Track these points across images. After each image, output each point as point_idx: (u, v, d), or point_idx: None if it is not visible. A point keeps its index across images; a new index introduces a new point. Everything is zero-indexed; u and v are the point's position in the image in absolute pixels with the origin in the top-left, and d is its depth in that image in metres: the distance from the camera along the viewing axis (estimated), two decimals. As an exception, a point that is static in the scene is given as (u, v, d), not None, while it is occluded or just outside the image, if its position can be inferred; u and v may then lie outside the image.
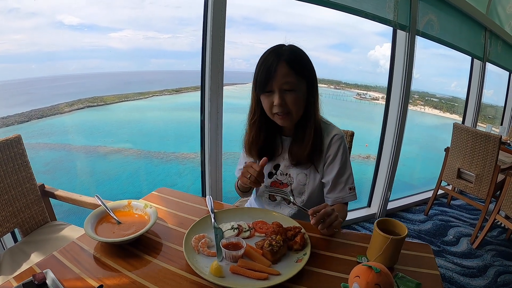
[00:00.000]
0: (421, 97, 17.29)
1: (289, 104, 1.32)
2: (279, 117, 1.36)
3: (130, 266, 1.00)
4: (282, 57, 1.28)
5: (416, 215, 3.88)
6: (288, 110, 1.33)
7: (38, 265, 0.98)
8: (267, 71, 1.28)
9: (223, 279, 0.94)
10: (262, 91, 1.34)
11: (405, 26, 3.19)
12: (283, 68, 1.27)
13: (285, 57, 1.28)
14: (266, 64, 1.29)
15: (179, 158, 11.04)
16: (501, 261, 2.99)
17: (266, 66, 1.29)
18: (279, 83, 1.28)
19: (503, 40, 5.16)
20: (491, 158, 3.13)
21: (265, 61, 1.30)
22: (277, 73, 1.27)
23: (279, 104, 1.30)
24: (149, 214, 1.22)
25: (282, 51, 1.31)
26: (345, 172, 1.47)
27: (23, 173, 1.73)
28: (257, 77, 1.32)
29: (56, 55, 12.99)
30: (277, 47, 1.34)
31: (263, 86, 1.31)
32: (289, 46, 1.34)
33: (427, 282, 0.98)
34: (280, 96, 1.30)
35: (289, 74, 1.28)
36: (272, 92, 1.31)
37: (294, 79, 1.30)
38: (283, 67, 1.27)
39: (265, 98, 1.35)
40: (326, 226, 1.15)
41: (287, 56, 1.29)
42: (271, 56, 1.30)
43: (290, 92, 1.31)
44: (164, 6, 14.57)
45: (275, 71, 1.27)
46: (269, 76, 1.28)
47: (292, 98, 1.31)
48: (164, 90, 16.52)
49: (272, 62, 1.28)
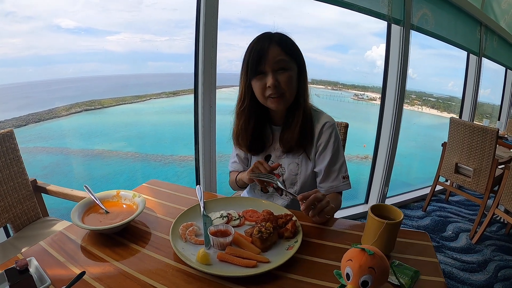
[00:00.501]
0: (418, 97, 17.32)
1: (282, 84, 1.30)
2: (272, 99, 1.33)
3: (116, 255, 0.98)
4: (273, 39, 1.28)
5: (414, 211, 3.85)
6: (281, 91, 1.31)
7: (23, 254, 0.96)
8: (258, 53, 1.27)
9: (210, 266, 0.91)
10: (254, 74, 1.31)
11: (400, 21, 3.17)
12: (275, 49, 1.27)
13: (276, 39, 1.28)
14: (257, 48, 1.28)
15: (177, 160, 11.03)
16: (501, 256, 2.96)
17: (257, 49, 1.27)
18: (271, 63, 1.27)
19: (499, 35, 5.16)
20: (489, 152, 3.10)
21: (255, 45, 1.29)
22: (269, 54, 1.26)
23: (273, 84, 1.28)
24: (138, 204, 1.19)
25: (271, 35, 1.31)
26: (337, 160, 1.44)
27: (15, 168, 1.72)
28: (248, 61, 1.30)
29: (53, 58, 13.00)
30: (265, 33, 1.33)
31: (255, 68, 1.29)
32: (277, 32, 1.33)
33: (425, 269, 0.95)
34: (273, 77, 1.28)
35: (281, 53, 1.28)
36: (265, 74, 1.29)
37: (287, 58, 1.29)
38: (275, 47, 1.27)
39: (257, 81, 1.32)
40: (317, 213, 1.11)
41: (277, 38, 1.29)
42: (261, 40, 1.29)
43: (282, 71, 1.29)
44: (160, 9, 14.59)
45: (267, 53, 1.26)
46: (261, 58, 1.26)
47: (285, 77, 1.30)
48: (161, 92, 16.52)
49: (263, 44, 1.27)
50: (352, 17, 3.30)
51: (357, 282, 0.70)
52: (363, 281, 0.70)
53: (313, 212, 1.11)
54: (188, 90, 6.67)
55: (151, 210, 1.26)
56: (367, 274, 0.70)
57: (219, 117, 2.39)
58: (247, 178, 1.36)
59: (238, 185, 1.58)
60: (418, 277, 0.91)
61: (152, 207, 1.28)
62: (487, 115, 7.46)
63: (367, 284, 0.70)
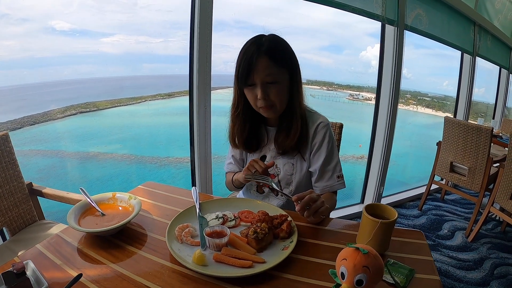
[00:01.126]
0: (413, 96, 17.34)
1: (272, 97, 1.31)
2: (263, 109, 1.34)
3: (112, 257, 0.98)
4: (262, 48, 1.26)
5: (410, 211, 3.86)
6: (271, 103, 1.32)
7: (20, 257, 0.96)
8: (248, 65, 1.26)
9: (206, 267, 0.91)
10: (244, 85, 1.32)
11: (393, 21, 3.18)
12: (264, 61, 1.25)
13: (265, 49, 1.26)
14: (246, 58, 1.27)
15: (173, 162, 10.99)
16: (497, 254, 2.98)
17: (246, 59, 1.27)
18: (260, 76, 1.27)
19: (492, 34, 5.19)
20: (484, 150, 3.12)
21: (245, 54, 1.28)
22: (258, 67, 1.26)
23: (262, 97, 1.29)
24: (134, 206, 1.19)
25: (262, 42, 1.29)
26: (332, 160, 1.44)
27: (11, 171, 1.72)
28: (238, 70, 1.30)
29: (48, 60, 12.90)
30: (257, 38, 1.31)
31: (245, 80, 1.29)
32: (269, 36, 1.32)
33: (420, 268, 0.95)
34: (263, 90, 1.28)
35: (270, 66, 1.26)
36: (255, 85, 1.29)
37: (276, 70, 1.28)
38: (264, 59, 1.25)
39: (248, 91, 1.34)
40: (312, 213, 1.12)
41: (267, 48, 1.26)
42: (251, 48, 1.28)
43: (272, 84, 1.29)
44: (155, 10, 14.54)
45: (256, 65, 1.25)
46: (250, 70, 1.26)
47: (275, 90, 1.30)
48: (157, 94, 16.46)
49: (252, 55, 1.26)
50: (346, 17, 3.32)
51: (352, 281, 0.71)
52: (358, 280, 0.70)
53: (308, 213, 1.12)
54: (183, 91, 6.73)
55: (147, 212, 1.26)
56: (361, 273, 0.70)
57: (214, 118, 2.40)
58: (243, 177, 1.37)
59: (235, 186, 1.58)
60: (413, 276, 0.92)
61: (148, 209, 1.29)
62: (481, 114, 7.50)
63: (361, 283, 0.70)
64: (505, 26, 5.67)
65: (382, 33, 3.37)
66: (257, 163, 1.32)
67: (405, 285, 0.87)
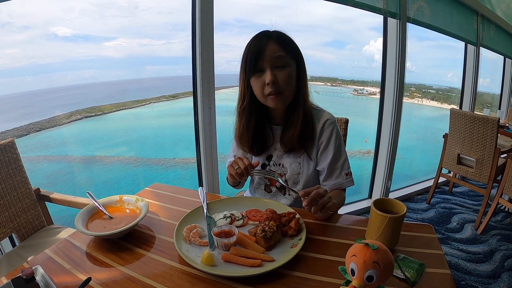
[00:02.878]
0: (418, 89, 17.27)
1: (281, 82, 1.30)
2: (271, 97, 1.32)
3: (121, 260, 0.98)
4: (271, 36, 1.29)
5: (418, 204, 3.85)
6: (280, 89, 1.31)
7: (29, 263, 0.97)
8: (257, 51, 1.27)
9: (215, 267, 0.91)
10: (253, 72, 1.31)
11: (396, 14, 3.16)
12: (273, 45, 1.27)
13: (274, 36, 1.29)
14: (255, 45, 1.28)
15: (180, 163, 11.02)
16: (507, 245, 2.96)
17: (255, 46, 1.28)
18: (269, 60, 1.27)
19: (496, 24, 5.15)
20: (491, 141, 3.09)
21: (253, 43, 1.29)
22: (267, 51, 1.26)
23: (271, 81, 1.27)
24: (141, 208, 1.19)
25: (269, 32, 1.31)
26: (340, 157, 1.43)
27: (18, 178, 1.73)
28: (246, 59, 1.30)
29: (51, 67, 13.00)
30: (263, 31, 1.33)
31: (254, 65, 1.29)
32: (275, 30, 1.33)
33: (430, 262, 0.95)
34: (272, 73, 1.28)
35: (279, 50, 1.28)
36: (263, 71, 1.29)
37: (285, 55, 1.29)
38: (273, 44, 1.27)
39: (255, 79, 1.32)
40: (319, 208, 1.11)
41: (275, 35, 1.29)
42: (259, 37, 1.29)
43: (281, 69, 1.29)
44: (156, 13, 14.58)
45: (265, 49, 1.26)
46: (259, 55, 1.27)
47: (284, 75, 1.29)
48: (161, 96, 16.52)
49: (261, 41, 1.27)
50: (348, 12, 3.32)
51: (362, 277, 0.70)
52: (368, 276, 0.70)
53: (315, 208, 1.11)
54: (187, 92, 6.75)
55: (154, 214, 1.26)
56: (371, 269, 0.69)
57: (219, 118, 2.40)
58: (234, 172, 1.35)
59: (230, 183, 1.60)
60: (424, 270, 0.91)
61: (155, 211, 1.29)
62: (487, 105, 7.44)
63: (372, 279, 0.70)
64: (509, 15, 5.62)
65: (385, 27, 3.35)
66: (241, 160, 1.31)
67: (416, 280, 0.87)
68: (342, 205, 1.42)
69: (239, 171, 1.29)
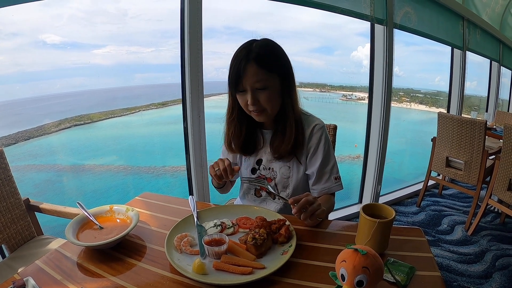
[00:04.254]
0: (406, 93, 17.42)
1: (263, 102, 1.31)
2: (255, 114, 1.36)
3: (112, 270, 0.97)
4: (250, 55, 1.26)
5: (408, 208, 3.87)
6: (262, 108, 1.33)
7: (20, 274, 0.95)
8: (237, 72, 1.27)
9: (207, 276, 0.91)
10: (235, 91, 1.33)
11: (382, 20, 3.20)
12: (252, 68, 1.26)
13: (254, 55, 1.26)
14: (236, 64, 1.28)
15: (169, 171, 10.96)
16: (498, 245, 2.99)
17: (236, 66, 1.27)
18: (250, 82, 1.27)
19: (481, 28, 5.23)
20: (478, 143, 3.13)
21: (235, 61, 1.29)
22: (247, 73, 1.26)
23: (252, 103, 1.29)
24: (131, 218, 1.19)
25: (252, 48, 1.28)
26: (329, 162, 1.44)
27: (7, 188, 1.71)
28: (229, 77, 1.31)
29: (40, 74, 12.87)
30: (248, 44, 1.32)
31: (235, 86, 1.30)
32: (260, 42, 1.32)
33: (420, 265, 0.96)
34: (253, 96, 1.29)
35: (259, 73, 1.27)
36: (245, 91, 1.30)
37: (265, 76, 1.28)
38: (252, 66, 1.26)
39: (239, 97, 1.34)
40: (309, 215, 1.12)
41: (256, 54, 1.26)
42: (240, 55, 1.28)
43: (262, 90, 1.30)
44: (145, 20, 14.53)
45: (245, 71, 1.26)
46: (239, 77, 1.27)
47: (265, 96, 1.30)
48: (150, 104, 16.43)
49: (240, 62, 1.26)
50: (335, 19, 3.35)
51: (352, 283, 0.71)
52: (358, 281, 0.71)
53: (305, 215, 1.12)
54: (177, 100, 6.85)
55: (145, 223, 1.26)
56: (361, 274, 0.70)
57: (209, 125, 2.40)
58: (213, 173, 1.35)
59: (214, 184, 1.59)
60: (414, 273, 0.92)
61: (146, 220, 1.28)
62: (474, 107, 7.55)
63: (362, 283, 0.71)
64: (494, 19, 5.72)
65: (372, 33, 3.39)
66: (222, 161, 1.31)
67: (406, 283, 0.87)
68: (331, 210, 1.43)
69: (218, 173, 1.30)
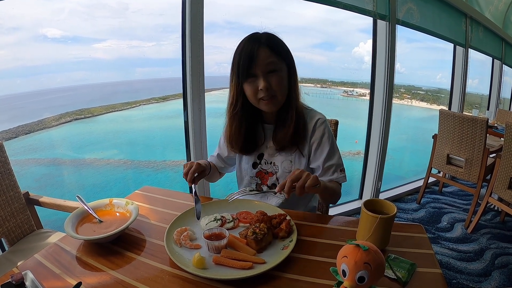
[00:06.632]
0: (407, 90, 17.39)
1: (274, 86, 1.30)
2: (264, 102, 1.34)
3: (112, 264, 0.97)
4: (262, 40, 1.28)
5: (408, 204, 3.87)
6: (273, 93, 1.31)
7: (19, 268, 0.95)
8: (249, 57, 1.26)
9: (206, 270, 0.91)
10: (245, 78, 1.31)
11: (385, 16, 3.18)
12: (264, 51, 1.27)
13: (264, 40, 1.28)
14: (246, 51, 1.27)
15: (170, 166, 10.95)
16: (497, 244, 2.99)
17: (246, 52, 1.27)
18: (262, 66, 1.27)
19: (484, 26, 5.21)
20: (480, 141, 3.12)
21: (244, 48, 1.28)
22: (259, 57, 1.26)
23: (265, 87, 1.28)
24: (131, 211, 1.19)
25: (259, 36, 1.30)
26: (334, 155, 1.44)
27: (7, 181, 1.70)
28: (238, 65, 1.30)
29: (41, 69, 12.83)
30: (253, 34, 1.32)
31: (247, 72, 1.29)
32: (265, 33, 1.33)
33: (421, 261, 0.96)
34: (265, 79, 1.28)
35: (270, 55, 1.28)
36: (256, 77, 1.30)
37: (276, 59, 1.29)
38: (264, 49, 1.27)
39: (248, 84, 1.33)
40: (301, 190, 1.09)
41: (265, 40, 1.28)
42: (249, 42, 1.29)
43: (273, 73, 1.30)
44: (147, 14, 14.45)
45: (257, 55, 1.26)
46: (251, 61, 1.26)
47: (276, 79, 1.30)
48: (151, 98, 16.41)
49: (252, 47, 1.26)
50: (337, 14, 3.33)
51: (354, 278, 0.70)
52: (360, 277, 0.70)
53: (298, 191, 1.10)
54: (178, 94, 6.83)
55: (145, 217, 1.25)
56: (363, 269, 0.70)
57: (210, 120, 2.39)
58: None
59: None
60: (415, 270, 0.92)
61: (145, 214, 1.28)
62: (476, 105, 7.52)
63: (363, 279, 0.70)
64: (497, 17, 5.69)
65: (374, 29, 3.37)
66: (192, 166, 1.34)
67: (407, 279, 0.87)
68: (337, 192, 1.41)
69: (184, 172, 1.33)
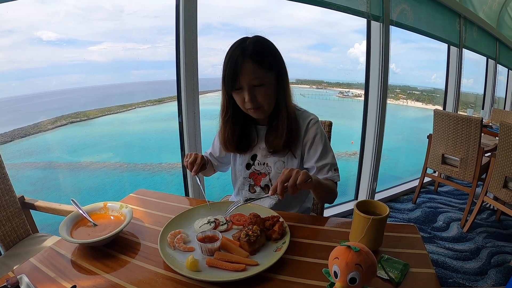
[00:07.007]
0: (403, 91, 17.49)
1: (260, 99, 1.31)
2: (251, 111, 1.35)
3: (106, 267, 0.97)
4: (246, 52, 1.25)
5: (404, 204, 3.88)
6: (259, 105, 1.32)
7: (14, 272, 0.96)
8: (233, 70, 1.25)
9: (200, 273, 0.91)
10: (231, 89, 1.32)
11: (379, 17, 3.19)
12: (249, 65, 1.25)
13: (250, 52, 1.25)
14: (231, 63, 1.26)
15: (166, 168, 10.95)
16: (493, 242, 3.00)
17: (231, 64, 1.26)
18: (247, 80, 1.27)
19: (478, 26, 5.23)
20: (474, 141, 3.14)
21: (230, 59, 1.27)
22: (244, 71, 1.25)
23: (249, 100, 1.29)
24: (125, 215, 1.18)
25: (246, 46, 1.27)
26: (328, 154, 1.44)
27: (2, 186, 1.69)
28: (224, 75, 1.30)
29: (36, 71, 12.84)
30: (241, 41, 1.30)
31: (232, 84, 1.29)
32: (253, 39, 1.31)
33: (414, 262, 0.96)
34: (250, 93, 1.28)
35: (255, 69, 1.26)
36: (242, 89, 1.30)
37: (261, 73, 1.28)
38: (249, 63, 1.25)
39: (236, 95, 1.34)
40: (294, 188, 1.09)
41: (251, 51, 1.25)
42: (235, 53, 1.27)
43: (259, 87, 1.29)
44: (142, 16, 14.47)
45: (241, 69, 1.25)
46: (236, 74, 1.26)
47: (262, 92, 1.30)
48: (146, 101, 16.43)
49: (237, 59, 1.25)
50: (332, 15, 3.33)
51: (345, 280, 0.71)
52: (351, 278, 0.70)
53: (291, 190, 1.09)
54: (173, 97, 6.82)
55: (139, 220, 1.25)
56: (354, 271, 0.70)
57: (205, 122, 2.39)
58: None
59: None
60: (408, 270, 0.92)
61: (140, 217, 1.28)
62: (470, 105, 7.56)
63: (355, 280, 0.70)
64: (491, 17, 5.72)
65: (368, 30, 3.38)
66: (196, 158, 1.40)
67: (400, 280, 0.87)
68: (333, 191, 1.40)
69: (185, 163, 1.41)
